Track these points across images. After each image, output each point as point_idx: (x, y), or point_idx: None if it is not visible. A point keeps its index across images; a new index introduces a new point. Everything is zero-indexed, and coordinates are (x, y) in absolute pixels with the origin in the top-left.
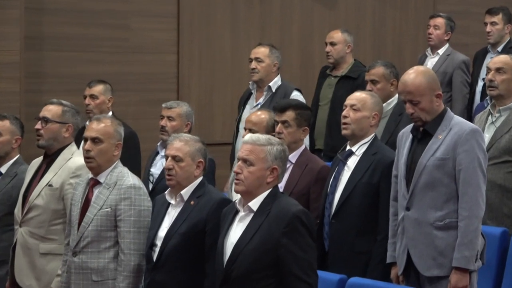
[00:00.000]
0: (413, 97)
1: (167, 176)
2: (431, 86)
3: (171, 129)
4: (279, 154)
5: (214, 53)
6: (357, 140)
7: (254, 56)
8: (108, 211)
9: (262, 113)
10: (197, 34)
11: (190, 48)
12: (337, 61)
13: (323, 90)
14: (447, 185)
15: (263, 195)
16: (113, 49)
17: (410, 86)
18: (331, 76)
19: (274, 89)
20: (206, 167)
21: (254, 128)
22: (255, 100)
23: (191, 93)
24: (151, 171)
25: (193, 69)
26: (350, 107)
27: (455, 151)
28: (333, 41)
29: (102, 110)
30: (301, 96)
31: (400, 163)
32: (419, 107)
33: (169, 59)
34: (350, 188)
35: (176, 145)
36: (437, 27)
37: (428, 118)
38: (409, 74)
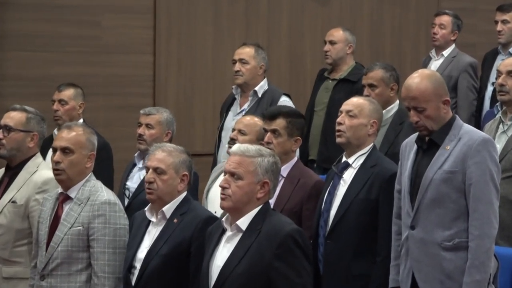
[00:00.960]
0: (418, 104)
1: (147, 190)
2: (438, 91)
3: (149, 138)
4: (270, 167)
5: (194, 54)
6: (353, 151)
7: (238, 57)
8: (80, 229)
9: (257, 117)
10: (175, 33)
11: (167, 48)
12: (336, 62)
13: (319, 94)
14: (456, 201)
15: (253, 212)
16: (83, 48)
17: (414, 91)
18: (328, 79)
19: (260, 94)
20: (191, 181)
21: (245, 130)
22: (239, 106)
23: (169, 98)
24: (127, 184)
25: (171, 71)
26: (345, 113)
27: (465, 163)
28: (333, 40)
29: (72, 116)
30: (290, 101)
31: (404, 176)
32: (424, 115)
33: (145, 60)
34: (346, 204)
35: (158, 155)
36: (442, 26)
37: (434, 127)
38: (414, 78)
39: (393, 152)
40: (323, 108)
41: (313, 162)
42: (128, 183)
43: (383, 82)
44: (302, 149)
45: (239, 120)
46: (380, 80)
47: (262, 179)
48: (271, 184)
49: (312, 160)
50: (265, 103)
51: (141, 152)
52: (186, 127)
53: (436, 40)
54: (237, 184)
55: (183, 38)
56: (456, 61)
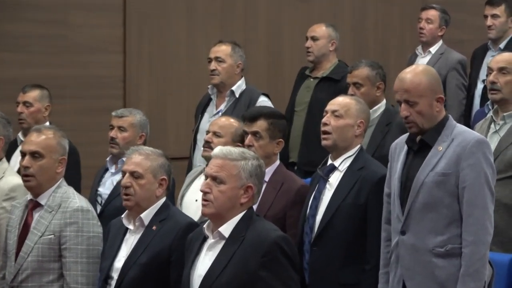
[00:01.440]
0: (410, 97)
1: (124, 195)
2: (433, 87)
3: (122, 141)
4: (254, 170)
5: (167, 53)
6: (339, 153)
7: (214, 55)
8: (51, 238)
9: (233, 118)
10: (146, 31)
11: (138, 47)
12: (318, 59)
13: (299, 93)
14: (448, 205)
15: (236, 218)
16: (48, 48)
17: (408, 84)
18: (310, 77)
19: (238, 94)
20: (170, 186)
21: (220, 132)
22: (215, 107)
23: (140, 99)
24: (99, 190)
25: (142, 71)
26: (331, 113)
27: (458, 165)
28: (315, 36)
29: (37, 119)
30: (269, 102)
31: (394, 179)
32: (415, 110)
33: (114, 59)
34: (333, 209)
35: (135, 159)
36: (429, 21)
37: (425, 124)
38: (408, 71)
39: (380, 154)
40: (304, 108)
41: (293, 165)
42: (100, 189)
43: (368, 80)
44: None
45: (213, 122)
46: (366, 79)
47: (246, 183)
48: (255, 189)
49: (292, 163)
50: (242, 104)
51: (114, 156)
52: (159, 129)
53: (423, 35)
54: (219, 189)
55: (155, 36)
56: (444, 58)
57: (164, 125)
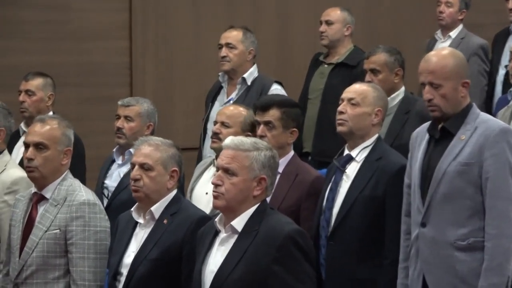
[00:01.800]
0: (435, 79)
1: (133, 187)
2: (459, 70)
3: (129, 131)
4: (267, 162)
5: (174, 38)
6: (356, 143)
7: (224, 41)
8: (56, 233)
9: (241, 106)
10: (153, 15)
11: (144, 33)
12: (333, 43)
13: (313, 80)
14: (471, 196)
15: (249, 211)
16: (51, 34)
17: (433, 65)
18: (324, 63)
19: (250, 81)
20: (181, 178)
21: (228, 122)
22: (226, 95)
23: (147, 87)
24: (106, 183)
25: (148, 58)
26: (347, 101)
27: (482, 155)
28: (330, 20)
29: (40, 109)
30: (283, 90)
31: (414, 169)
32: (440, 93)
33: (120, 46)
34: (350, 202)
35: (144, 150)
36: (449, 4)
37: (448, 109)
38: (435, 53)
39: (398, 144)
40: (318, 95)
41: (307, 156)
42: (107, 181)
43: (386, 67)
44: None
45: (221, 111)
46: (384, 65)
47: (259, 175)
48: (268, 181)
49: (306, 153)
50: (254, 92)
51: (120, 147)
52: (166, 118)
53: (443, 19)
54: (231, 181)
55: (162, 21)
56: (465, 43)
57: (171, 114)
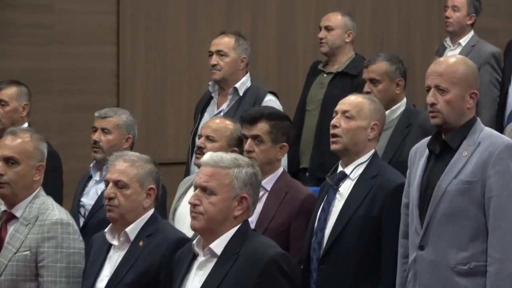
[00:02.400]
0: (442, 82)
1: (107, 207)
2: (469, 79)
3: (106, 144)
4: (249, 179)
5: (165, 44)
6: (351, 159)
7: (215, 48)
8: (27, 254)
9: (228, 119)
10: (143, 19)
11: (134, 37)
12: (333, 51)
13: (312, 90)
14: (473, 217)
15: (229, 233)
16: (32, 38)
17: (443, 68)
18: (323, 72)
19: (242, 91)
20: (159, 195)
21: (213, 136)
22: (217, 106)
23: (136, 96)
24: (82, 201)
25: (138, 65)
26: (341, 114)
27: (485, 172)
28: (330, 25)
29: (14, 120)
30: (277, 101)
31: (413, 187)
32: (445, 98)
33: (107, 51)
34: (344, 222)
35: (119, 166)
36: (456, 8)
37: (451, 118)
38: (447, 58)
39: (398, 160)
40: (317, 107)
41: (305, 171)
42: (83, 199)
43: (387, 76)
44: (292, 156)
45: (206, 124)
46: (384, 74)
47: (240, 194)
48: (250, 200)
49: (304, 169)
50: (247, 103)
51: (98, 162)
52: (156, 130)
53: (449, 24)
54: (210, 200)
55: (152, 25)
56: (476, 51)
57: (161, 125)
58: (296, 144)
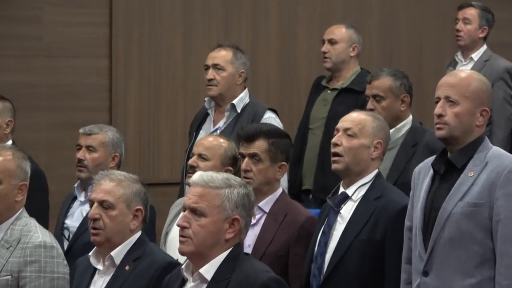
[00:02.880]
0: (453, 93)
1: (91, 229)
2: (481, 95)
3: (91, 163)
4: (241, 200)
5: (160, 57)
6: (353, 179)
7: (211, 62)
8: (8, 279)
9: (222, 137)
10: (136, 31)
11: (127, 50)
12: (337, 66)
13: (315, 108)
14: (480, 242)
15: (220, 257)
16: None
17: (456, 80)
18: (327, 88)
19: (240, 108)
20: (147, 217)
21: (206, 154)
22: (213, 124)
23: (129, 112)
24: (66, 223)
25: (131, 80)
26: (343, 132)
27: (492, 194)
28: (334, 38)
29: None
30: (277, 118)
31: (416, 209)
32: (454, 111)
33: (98, 65)
34: (345, 247)
35: (105, 186)
36: (467, 21)
37: (457, 132)
38: (462, 71)
39: (403, 181)
40: (320, 125)
41: (308, 193)
42: (68, 221)
43: (391, 92)
44: (295, 177)
45: (198, 142)
46: (388, 90)
47: (231, 216)
48: (242, 222)
49: (307, 191)
50: (245, 120)
51: (82, 181)
52: (150, 149)
53: (461, 38)
54: (200, 223)
55: (146, 38)
56: (489, 66)
57: (156, 144)
58: (299, 164)
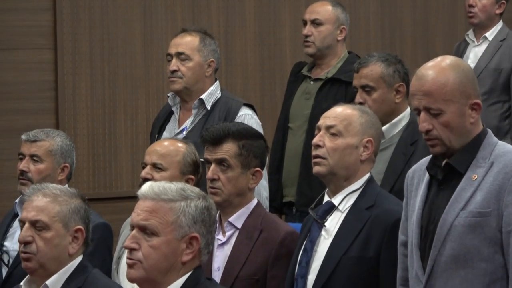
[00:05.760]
0: (433, 103)
1: (22, 254)
2: (465, 88)
3: (36, 175)
4: (200, 215)
5: (116, 48)
6: (340, 186)
7: (174, 50)
8: None
9: (179, 141)
10: (86, 17)
11: (75, 40)
12: (321, 52)
13: (295, 102)
14: (489, 258)
15: (177, 284)
16: None
17: (429, 84)
18: (309, 78)
19: (209, 104)
20: (89, 239)
21: (161, 163)
22: (178, 124)
23: (79, 115)
24: (6, 245)
25: (81, 75)
26: (325, 131)
27: (501, 200)
28: (318, 19)
29: None
30: (254, 116)
31: (411, 221)
32: (440, 121)
33: (41, 59)
34: (332, 266)
35: (37, 202)
36: None
37: (454, 142)
38: (430, 66)
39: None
40: (303, 123)
41: (291, 206)
42: (7, 243)
43: (383, 81)
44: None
45: (150, 149)
46: (379, 80)
47: (188, 234)
48: (202, 240)
49: (289, 203)
50: (216, 118)
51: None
52: (106, 157)
53: (474, 15)
54: (151, 243)
55: (98, 25)
56: (506, 46)
57: (114, 150)
58: (280, 171)
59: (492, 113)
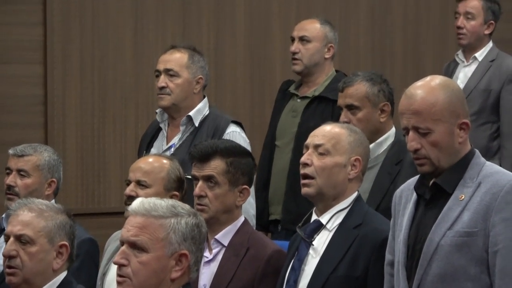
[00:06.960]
0: (422, 122)
1: (7, 269)
2: (454, 108)
3: (23, 190)
4: (190, 232)
5: (106, 63)
6: (328, 204)
7: (163, 66)
8: None
9: (164, 157)
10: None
11: (65, 54)
12: (308, 70)
13: (282, 120)
14: (475, 277)
15: None
16: None
17: (418, 103)
18: (296, 96)
19: (198, 121)
20: (74, 254)
21: (145, 180)
22: (166, 140)
23: (68, 129)
24: None
25: (71, 90)
26: (313, 149)
27: (488, 221)
28: (306, 36)
29: None
30: (242, 133)
31: (398, 241)
32: (429, 140)
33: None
34: (319, 285)
35: (23, 217)
36: (470, 16)
37: (442, 162)
38: (419, 85)
39: (388, 205)
40: (289, 141)
41: (276, 224)
42: None
43: (368, 101)
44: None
45: (134, 166)
46: (364, 99)
47: (178, 251)
48: (192, 258)
49: (275, 221)
50: (204, 135)
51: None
52: (95, 172)
53: (463, 36)
54: (140, 259)
55: (89, 40)
56: (496, 67)
57: (103, 165)
58: (267, 189)
59: (481, 134)
